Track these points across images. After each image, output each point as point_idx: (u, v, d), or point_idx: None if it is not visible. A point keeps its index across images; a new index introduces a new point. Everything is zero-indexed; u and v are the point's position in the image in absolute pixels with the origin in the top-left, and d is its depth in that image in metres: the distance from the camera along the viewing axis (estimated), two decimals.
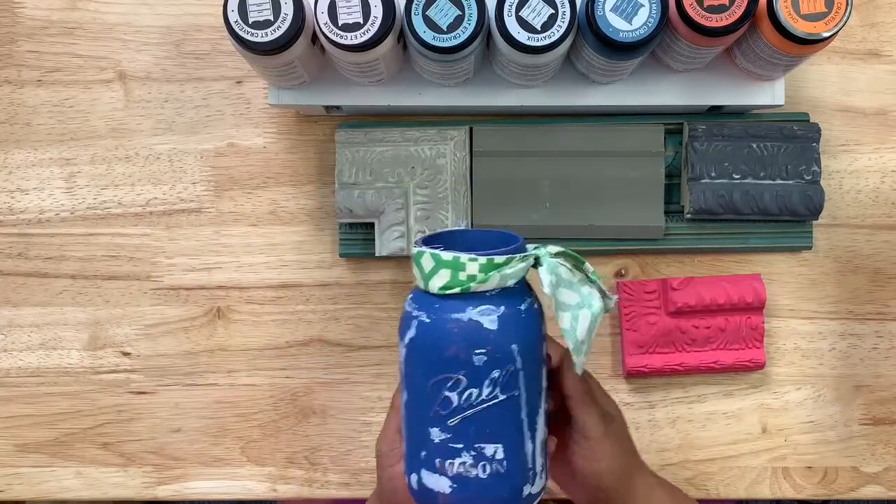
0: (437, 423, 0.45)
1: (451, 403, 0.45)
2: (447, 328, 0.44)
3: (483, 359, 0.44)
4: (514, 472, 0.46)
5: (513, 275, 0.45)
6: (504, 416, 0.45)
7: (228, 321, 0.68)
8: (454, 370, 0.44)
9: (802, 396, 0.68)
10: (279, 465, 0.68)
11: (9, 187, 0.69)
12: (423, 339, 0.45)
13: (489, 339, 0.44)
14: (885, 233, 0.68)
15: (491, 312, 0.45)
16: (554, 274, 0.46)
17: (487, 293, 0.45)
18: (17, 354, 0.68)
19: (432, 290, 0.45)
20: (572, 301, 0.46)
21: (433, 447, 0.45)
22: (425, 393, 0.45)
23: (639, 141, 0.65)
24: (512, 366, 0.45)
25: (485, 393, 0.44)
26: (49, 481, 0.68)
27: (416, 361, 0.46)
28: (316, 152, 0.69)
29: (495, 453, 0.45)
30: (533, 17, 0.53)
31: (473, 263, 0.44)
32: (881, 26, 0.69)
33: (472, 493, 0.45)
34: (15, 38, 0.69)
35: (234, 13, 0.53)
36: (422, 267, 0.45)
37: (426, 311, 0.45)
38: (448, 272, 0.44)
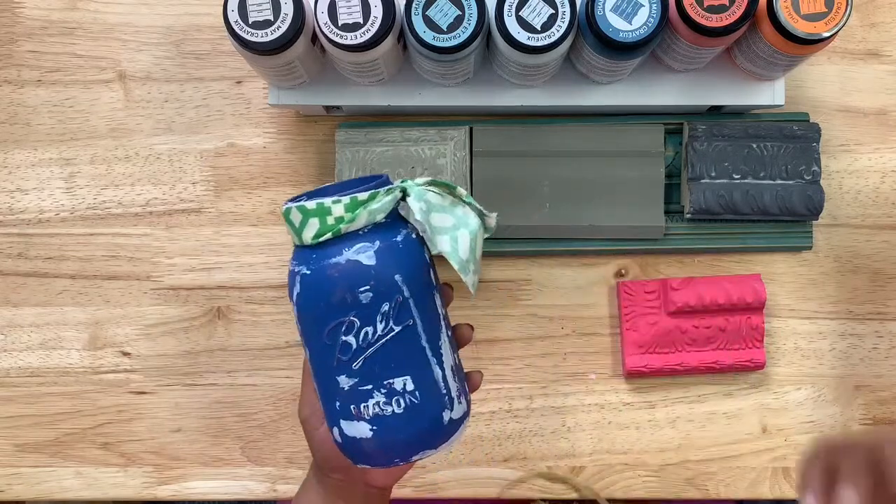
0: (343, 371, 0.45)
1: (350, 347, 0.45)
2: (328, 274, 0.45)
3: (369, 295, 0.44)
4: (428, 400, 0.46)
5: (380, 209, 0.45)
6: (404, 346, 0.46)
7: (228, 321, 0.68)
8: (344, 313, 0.45)
9: (802, 396, 0.68)
10: (279, 465, 0.68)
11: (9, 187, 0.69)
12: (308, 292, 0.45)
13: (370, 274, 0.45)
14: (885, 233, 0.68)
15: (367, 249, 0.45)
16: (423, 201, 0.46)
17: (360, 232, 0.45)
18: (17, 354, 0.68)
19: (306, 241, 0.45)
20: (448, 223, 0.47)
21: (345, 395, 0.46)
22: (323, 344, 0.45)
23: (639, 141, 0.65)
24: (399, 296, 0.45)
25: (379, 328, 0.45)
26: (49, 481, 0.68)
27: (307, 315, 0.46)
28: (316, 152, 0.69)
29: (405, 385, 0.46)
30: (533, 17, 0.53)
31: (338, 205, 0.45)
32: (881, 26, 0.69)
33: (392, 430, 0.46)
34: (15, 38, 0.69)
35: (234, 13, 0.53)
36: (292, 223, 0.46)
37: (305, 264, 0.46)
38: (316, 220, 0.45)
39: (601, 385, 0.68)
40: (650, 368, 0.66)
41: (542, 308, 0.68)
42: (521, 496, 0.68)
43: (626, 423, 0.68)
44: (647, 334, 0.66)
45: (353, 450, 0.47)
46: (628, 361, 0.67)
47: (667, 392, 0.68)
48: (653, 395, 0.68)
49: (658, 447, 0.68)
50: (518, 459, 0.68)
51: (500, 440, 0.68)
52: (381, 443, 0.46)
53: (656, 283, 0.67)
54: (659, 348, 0.66)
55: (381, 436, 0.46)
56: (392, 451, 0.47)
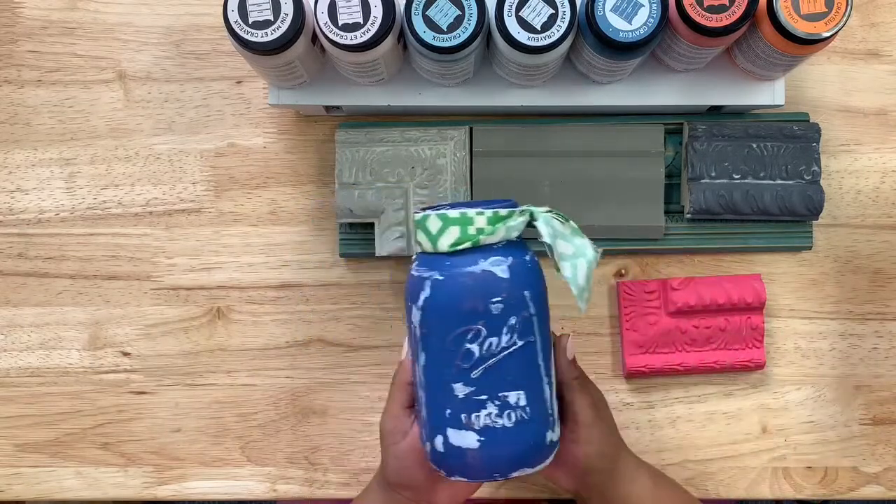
0: (461, 378, 0.46)
1: (472, 355, 0.46)
2: (462, 281, 0.46)
3: (500, 307, 0.46)
4: (536, 417, 0.47)
5: (515, 227, 0.47)
6: (523, 362, 0.47)
7: (228, 321, 0.68)
8: (473, 321, 0.46)
9: (802, 396, 0.68)
10: (279, 465, 0.68)
11: (9, 187, 0.69)
12: (438, 297, 0.46)
13: (503, 286, 0.46)
14: (885, 233, 0.68)
15: (501, 262, 0.46)
16: (550, 226, 0.48)
17: (494, 246, 0.47)
18: (17, 354, 0.68)
19: (441, 248, 0.46)
20: (569, 251, 0.48)
21: (458, 403, 0.46)
22: (445, 350, 0.46)
23: (639, 141, 0.65)
24: (526, 311, 0.46)
25: (504, 340, 0.46)
26: (49, 481, 0.68)
27: (434, 320, 0.46)
28: (316, 152, 0.69)
29: (518, 400, 0.46)
30: (533, 17, 0.53)
31: (481, 217, 0.46)
32: (881, 26, 0.69)
33: (500, 443, 0.46)
34: (15, 38, 0.69)
35: (234, 13, 0.53)
36: (427, 230, 0.47)
37: (438, 270, 0.46)
38: (457, 228, 0.46)
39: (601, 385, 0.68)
40: (650, 368, 0.66)
41: None
42: (521, 496, 0.68)
43: (626, 423, 0.68)
44: (647, 334, 0.66)
45: (455, 460, 0.47)
46: (628, 361, 0.67)
47: (667, 392, 0.68)
48: (653, 395, 0.68)
49: (658, 447, 0.68)
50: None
51: None
52: (486, 455, 0.47)
53: (656, 283, 0.67)
54: (659, 348, 0.66)
55: (488, 448, 0.46)
56: (494, 465, 0.47)
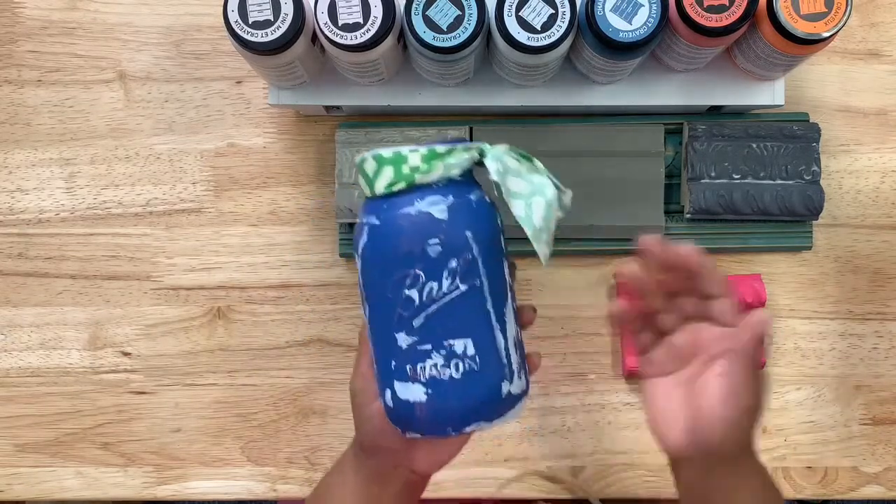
0: (403, 327, 0.44)
1: (412, 303, 0.44)
2: (398, 224, 0.44)
3: (438, 249, 0.43)
4: (488, 368, 0.45)
5: (457, 164, 0.45)
6: (468, 307, 0.44)
7: (228, 321, 0.68)
8: (410, 265, 0.43)
9: (802, 396, 0.68)
10: (279, 465, 0.68)
11: (9, 187, 0.69)
12: (375, 242, 0.44)
13: (441, 227, 0.44)
14: (885, 233, 0.68)
15: (440, 202, 0.44)
16: (499, 162, 0.45)
17: (434, 185, 0.44)
18: (17, 354, 0.68)
19: (378, 191, 0.44)
20: (523, 189, 0.45)
21: (402, 354, 0.44)
22: (385, 299, 0.44)
23: (639, 141, 0.65)
24: (469, 254, 0.44)
25: (445, 285, 0.44)
26: (49, 481, 0.68)
27: (372, 267, 0.45)
28: (316, 152, 0.69)
29: (465, 349, 0.44)
30: (533, 17, 0.53)
31: (415, 154, 0.44)
32: (881, 26, 0.69)
33: (448, 395, 0.44)
34: (15, 38, 0.69)
35: (234, 13, 0.53)
36: (366, 173, 0.45)
37: (375, 214, 0.45)
38: (391, 168, 0.44)
39: (601, 385, 0.68)
40: None
41: (542, 308, 0.68)
42: (522, 496, 0.68)
43: (626, 423, 0.68)
44: None
45: (405, 415, 0.45)
46: (628, 361, 0.67)
47: None
48: None
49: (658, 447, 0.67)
50: (518, 459, 0.68)
51: (500, 440, 0.68)
52: (435, 408, 0.44)
53: None
54: None
55: (436, 401, 0.44)
56: (445, 419, 0.45)
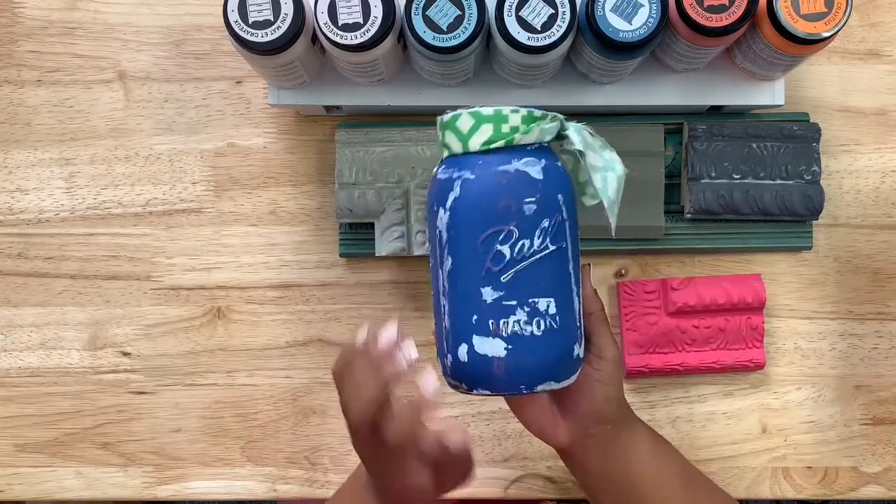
0: (490, 282, 0.45)
1: (503, 258, 0.44)
2: (496, 180, 0.45)
3: (533, 207, 0.44)
4: (566, 328, 0.46)
5: (549, 130, 0.46)
6: (555, 267, 0.46)
7: (228, 321, 0.68)
8: (506, 222, 0.44)
9: (802, 396, 0.68)
10: (279, 465, 0.68)
11: (9, 187, 0.69)
12: (469, 196, 0.45)
13: (537, 187, 0.45)
14: (885, 233, 0.68)
15: (535, 163, 0.45)
16: (580, 135, 0.47)
17: (528, 147, 0.46)
18: (17, 354, 0.68)
19: (473, 147, 0.45)
20: (599, 164, 0.48)
21: (486, 308, 0.45)
22: (474, 252, 0.45)
23: (639, 141, 0.65)
24: (559, 215, 0.45)
25: (536, 243, 0.45)
26: (49, 481, 0.68)
27: (464, 220, 0.45)
28: (316, 152, 0.69)
29: (549, 307, 0.45)
30: (533, 17, 0.53)
31: (516, 115, 0.45)
32: (881, 26, 0.69)
33: (527, 352, 0.45)
34: (15, 38, 0.69)
35: (234, 13, 0.53)
36: (457, 129, 0.46)
37: (469, 169, 0.45)
38: (490, 126, 0.45)
39: None
40: (650, 368, 0.66)
41: None
42: (521, 496, 0.68)
43: None
44: (647, 334, 0.66)
45: (479, 369, 0.45)
46: (628, 361, 0.67)
47: (667, 392, 0.68)
48: (653, 395, 0.68)
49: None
50: (518, 459, 0.68)
51: (500, 440, 0.68)
52: (513, 364, 0.45)
53: (656, 283, 0.67)
54: (659, 348, 0.66)
55: (516, 356, 0.45)
56: (520, 376, 0.45)
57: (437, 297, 0.48)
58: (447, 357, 0.47)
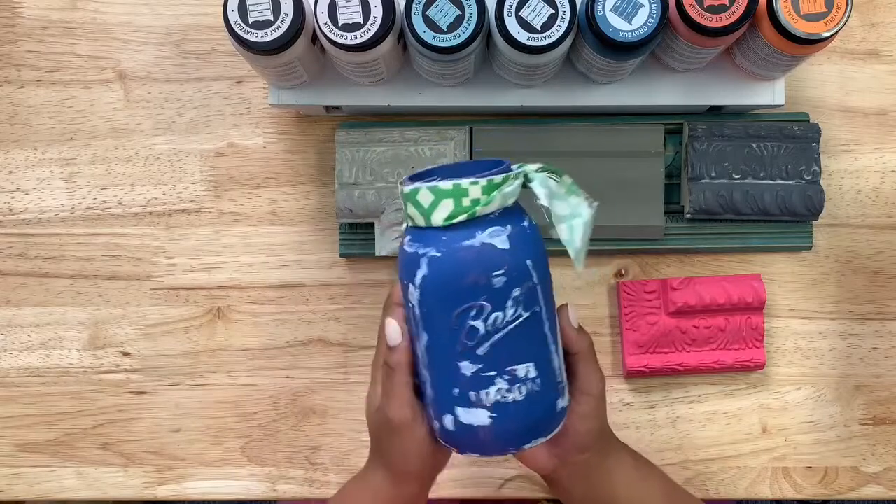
0: (466, 356, 0.45)
1: (477, 332, 0.44)
2: (461, 257, 0.44)
3: (503, 280, 0.44)
4: (547, 387, 0.46)
5: (511, 193, 0.45)
6: (530, 333, 0.45)
7: (228, 321, 0.68)
8: (476, 297, 0.44)
9: (802, 396, 0.68)
10: (279, 465, 0.68)
11: (9, 187, 0.69)
12: (437, 275, 0.44)
13: (504, 259, 0.44)
14: (886, 233, 0.68)
15: (500, 233, 0.44)
16: (546, 187, 0.46)
17: (490, 216, 0.45)
18: (17, 354, 0.68)
19: (436, 223, 0.44)
20: (565, 212, 0.46)
21: (465, 381, 0.45)
22: (449, 329, 0.45)
23: (639, 141, 0.65)
24: (530, 281, 0.45)
25: (509, 314, 0.44)
26: (49, 481, 0.68)
27: (434, 299, 0.45)
28: (316, 152, 0.69)
29: (528, 372, 0.45)
30: (533, 17, 0.53)
31: (475, 187, 0.44)
32: (881, 26, 0.69)
33: (511, 418, 0.45)
34: (15, 38, 0.69)
35: (234, 13, 0.53)
36: (419, 204, 0.45)
37: (434, 246, 0.44)
38: (450, 201, 0.44)
39: None
40: (650, 368, 0.66)
41: None
42: (521, 496, 0.68)
43: (626, 423, 0.68)
44: (647, 334, 0.66)
45: (466, 438, 0.46)
46: (628, 361, 0.67)
47: (667, 392, 0.68)
48: (653, 395, 0.68)
49: (658, 447, 0.68)
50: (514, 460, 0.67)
51: None
52: (498, 431, 0.45)
53: (656, 283, 0.67)
54: (659, 348, 0.66)
55: (500, 423, 0.45)
56: (507, 440, 0.46)
57: (417, 364, 0.48)
58: (434, 422, 0.48)
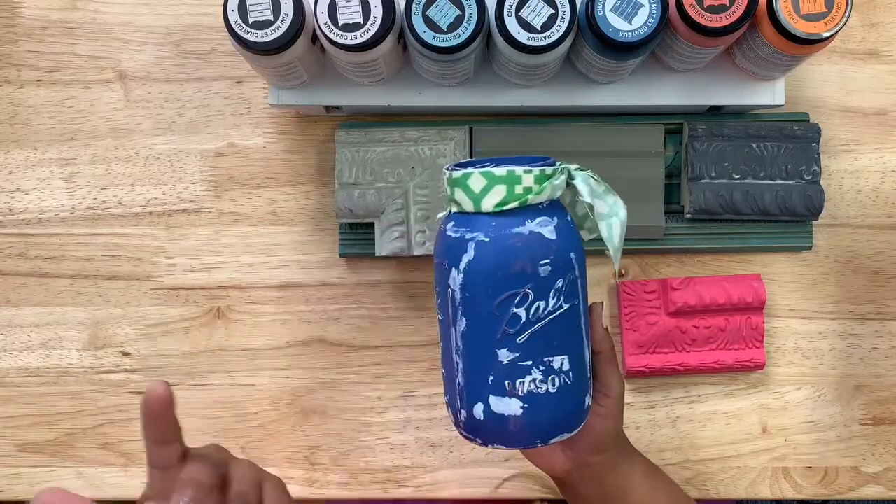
0: (506, 344, 0.45)
1: (519, 320, 0.44)
2: (510, 243, 0.44)
3: (548, 269, 0.44)
4: (578, 382, 0.46)
5: (559, 186, 0.46)
6: (568, 325, 0.46)
7: (228, 321, 0.68)
8: (521, 285, 0.44)
9: (802, 396, 0.68)
10: (279, 465, 0.68)
11: (9, 187, 0.69)
12: (484, 260, 0.44)
13: (552, 248, 0.44)
14: (885, 233, 0.68)
15: (548, 223, 0.45)
16: (588, 185, 0.47)
17: (540, 206, 0.45)
18: (17, 354, 0.68)
19: (486, 208, 0.45)
20: (604, 210, 0.48)
21: (501, 369, 0.45)
22: (490, 315, 0.45)
23: (639, 141, 0.65)
24: (573, 274, 0.45)
25: (551, 304, 0.45)
26: (49, 481, 0.68)
27: (479, 284, 0.45)
28: (316, 152, 0.69)
29: (563, 365, 0.45)
30: (533, 17, 0.53)
31: (529, 175, 0.44)
32: (881, 26, 0.69)
33: (542, 409, 0.45)
34: (15, 38, 0.69)
35: (234, 13, 0.53)
36: (469, 188, 0.45)
37: (482, 231, 0.45)
38: (503, 187, 0.44)
39: None
40: (650, 368, 0.66)
41: None
42: (520, 496, 0.68)
43: (626, 423, 0.67)
44: (647, 334, 0.66)
45: (495, 428, 0.46)
46: (628, 361, 0.67)
47: (667, 392, 0.68)
48: (653, 395, 0.68)
49: (658, 447, 0.68)
50: (518, 459, 0.67)
51: None
52: (528, 422, 0.45)
53: (656, 283, 0.67)
54: (659, 348, 0.66)
55: (531, 415, 0.45)
56: (536, 432, 0.46)
57: (448, 352, 0.48)
58: (461, 412, 0.47)
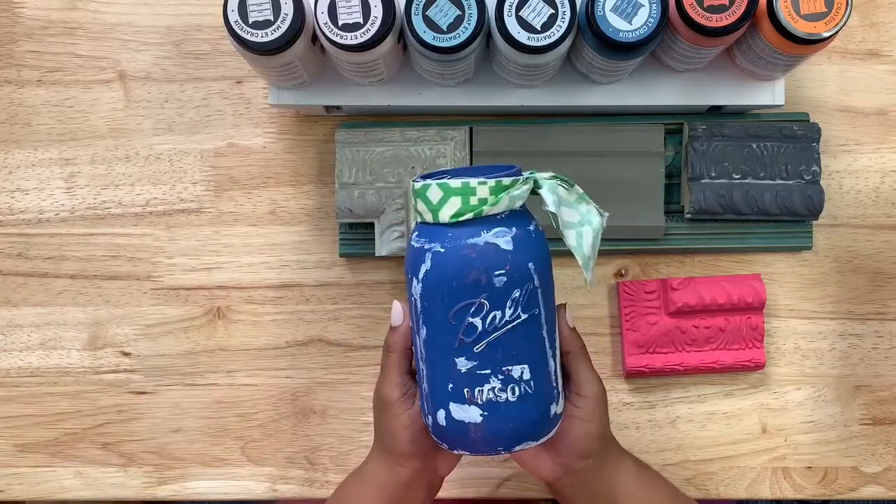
0: (463, 352, 0.45)
1: (475, 329, 0.45)
2: (464, 254, 0.45)
3: (503, 279, 0.45)
4: (541, 391, 0.47)
5: (519, 196, 0.46)
6: (527, 335, 0.46)
7: (228, 321, 0.68)
8: (476, 295, 0.45)
9: (802, 396, 0.68)
10: (279, 465, 0.68)
11: (9, 187, 0.69)
12: (440, 270, 0.45)
13: (507, 259, 0.45)
14: (885, 233, 0.68)
15: (505, 234, 0.45)
16: (554, 193, 0.47)
17: (497, 216, 0.46)
18: (17, 354, 0.68)
19: (443, 219, 0.45)
20: (574, 219, 0.48)
21: (460, 377, 0.46)
22: (447, 324, 0.45)
23: (639, 141, 0.65)
24: (531, 284, 0.46)
25: (508, 314, 0.45)
26: (49, 481, 0.68)
27: (435, 293, 0.46)
28: (316, 152, 0.69)
29: (522, 374, 0.46)
30: (533, 17, 0.53)
31: (483, 187, 0.45)
32: (881, 26, 0.69)
33: (503, 418, 0.46)
34: (15, 38, 0.69)
35: (234, 13, 0.53)
36: (428, 200, 0.46)
37: (439, 242, 0.45)
38: (458, 199, 0.45)
39: None
40: (650, 368, 0.66)
41: None
42: (520, 496, 0.68)
43: (626, 423, 0.68)
44: (647, 334, 0.66)
45: (457, 434, 0.47)
46: (628, 361, 0.67)
47: (667, 392, 0.68)
48: (653, 395, 0.68)
49: (658, 447, 0.68)
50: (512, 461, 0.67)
51: None
52: (489, 430, 0.46)
53: (656, 283, 0.67)
54: (659, 348, 0.66)
55: (491, 422, 0.46)
56: (497, 440, 0.46)
57: (416, 358, 0.49)
58: (428, 417, 0.48)
